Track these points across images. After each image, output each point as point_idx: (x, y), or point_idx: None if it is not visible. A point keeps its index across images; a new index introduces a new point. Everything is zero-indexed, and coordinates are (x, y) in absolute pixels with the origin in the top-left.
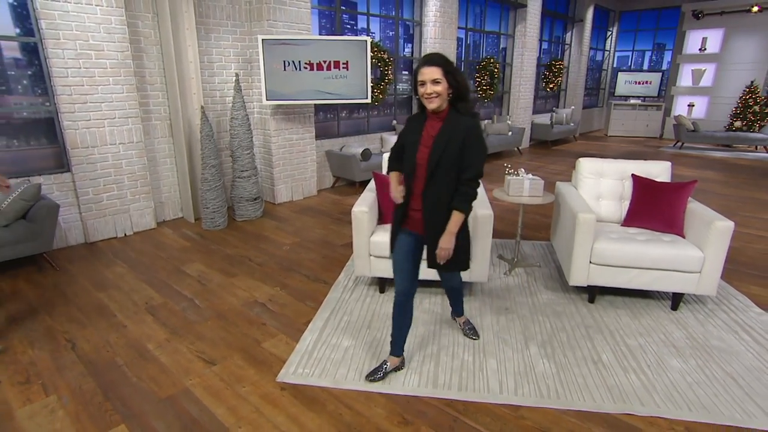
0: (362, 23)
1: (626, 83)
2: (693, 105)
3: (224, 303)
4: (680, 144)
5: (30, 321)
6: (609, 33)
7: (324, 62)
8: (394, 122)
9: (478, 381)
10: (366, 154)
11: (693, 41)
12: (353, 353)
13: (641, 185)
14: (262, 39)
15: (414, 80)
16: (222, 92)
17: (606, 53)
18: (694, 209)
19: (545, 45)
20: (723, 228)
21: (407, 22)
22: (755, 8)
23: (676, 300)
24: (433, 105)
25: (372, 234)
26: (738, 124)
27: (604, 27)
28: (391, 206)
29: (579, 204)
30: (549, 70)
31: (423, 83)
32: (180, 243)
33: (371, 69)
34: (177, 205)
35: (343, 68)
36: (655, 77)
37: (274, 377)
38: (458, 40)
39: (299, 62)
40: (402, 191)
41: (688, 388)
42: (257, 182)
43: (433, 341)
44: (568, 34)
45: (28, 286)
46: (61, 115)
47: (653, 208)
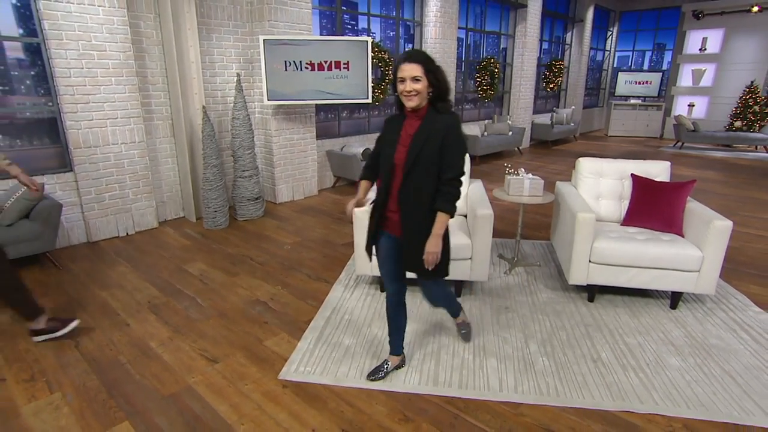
0: (363, 23)
1: (626, 83)
2: (693, 105)
3: (226, 302)
4: (680, 144)
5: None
6: (609, 33)
7: (325, 62)
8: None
9: (479, 379)
10: (366, 154)
11: (693, 41)
12: (354, 351)
13: (641, 185)
14: (264, 39)
15: (393, 76)
16: (223, 92)
17: (606, 53)
18: (694, 209)
19: (545, 45)
20: (722, 227)
21: (408, 23)
22: (755, 8)
23: (675, 299)
24: (412, 103)
25: None
26: (738, 124)
27: (605, 27)
28: None
29: (579, 203)
30: (549, 70)
31: (402, 80)
32: (182, 242)
33: (372, 69)
34: (179, 205)
35: (344, 68)
36: (656, 77)
37: (276, 375)
38: (459, 41)
39: (300, 62)
40: (353, 205)
41: (687, 386)
42: (258, 182)
43: (434, 339)
44: (569, 34)
45: (32, 285)
46: (64, 115)
47: (652, 208)
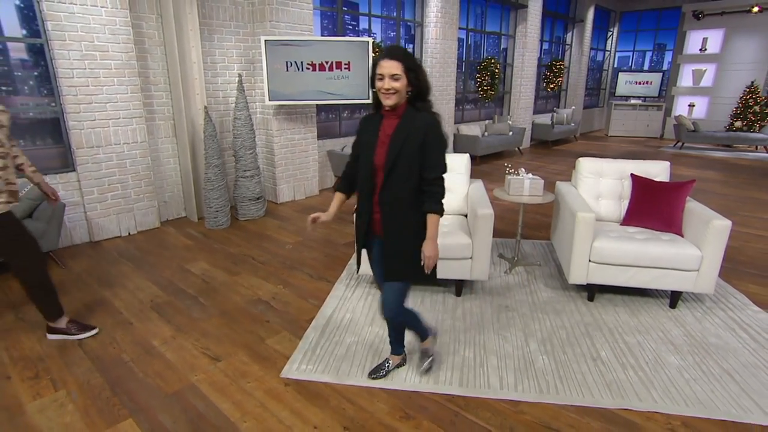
0: (364, 24)
1: (627, 83)
2: (693, 105)
3: (228, 301)
4: (681, 144)
5: (38, 318)
6: (610, 33)
7: (326, 63)
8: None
9: (479, 377)
10: None
11: (693, 41)
12: (355, 350)
13: (640, 185)
14: (265, 40)
15: (372, 71)
16: (225, 92)
17: (607, 53)
18: (693, 208)
19: (546, 45)
20: (720, 227)
21: (408, 23)
22: (755, 9)
23: (675, 298)
24: (390, 102)
25: None
26: (738, 124)
27: (605, 27)
28: None
29: (578, 203)
30: (550, 71)
31: (381, 77)
32: (183, 242)
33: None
34: (180, 205)
35: (345, 69)
36: (656, 77)
37: (278, 373)
38: (459, 41)
39: (301, 63)
40: (315, 220)
41: (685, 384)
42: (260, 182)
43: (434, 338)
44: (569, 35)
45: None
46: (67, 116)
47: (652, 208)
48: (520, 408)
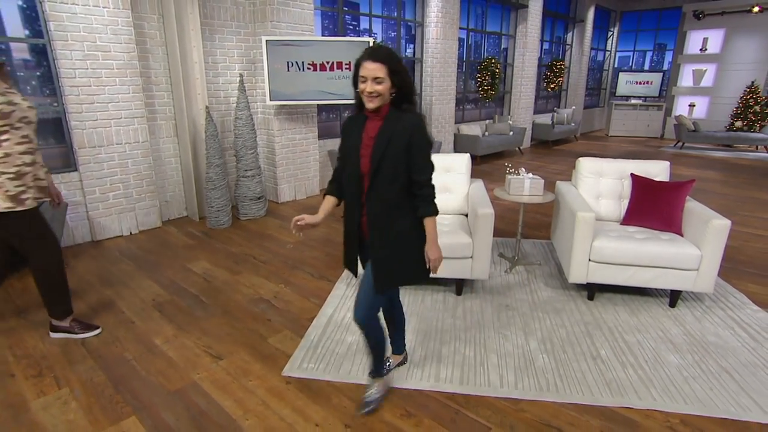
0: (365, 24)
1: (627, 83)
2: (694, 105)
3: (230, 300)
4: (681, 144)
5: (40, 316)
6: (610, 33)
7: (327, 63)
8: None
9: (479, 375)
10: None
11: (694, 41)
12: (357, 348)
13: (640, 184)
14: (266, 40)
15: (354, 71)
16: (226, 92)
17: (607, 53)
18: (692, 208)
19: (546, 45)
20: (720, 226)
21: (409, 23)
22: (756, 8)
23: (674, 297)
24: (372, 105)
25: None
26: (739, 124)
27: (605, 27)
28: None
29: (578, 203)
30: (550, 71)
31: (364, 79)
32: (185, 241)
33: None
34: (182, 204)
35: (346, 69)
36: (656, 77)
37: (280, 371)
38: (460, 41)
39: (302, 63)
40: (303, 225)
41: (685, 383)
42: (261, 181)
43: (435, 336)
44: (569, 35)
45: None
46: (69, 115)
47: (652, 207)
48: (521, 406)
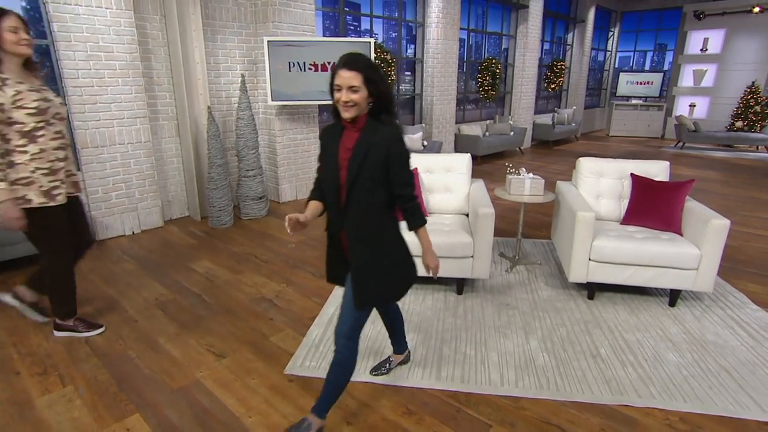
0: (365, 24)
1: (628, 83)
2: (694, 105)
3: (232, 299)
4: (681, 144)
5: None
6: (611, 33)
7: (328, 63)
8: (397, 122)
9: (480, 374)
10: None
11: (694, 42)
12: (358, 347)
13: (640, 184)
14: (268, 40)
15: (330, 81)
16: (228, 93)
17: (608, 54)
18: (692, 208)
19: (547, 45)
20: (719, 226)
21: (410, 24)
22: (756, 9)
23: (674, 297)
24: (348, 114)
25: None
26: (739, 125)
27: (606, 27)
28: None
29: (579, 203)
30: (551, 71)
31: (339, 88)
32: (187, 241)
33: None
34: (184, 204)
35: None
36: (657, 77)
37: (282, 370)
38: (460, 41)
39: (304, 63)
40: (295, 222)
41: (684, 381)
42: (262, 181)
43: (436, 335)
44: (570, 35)
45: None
46: (72, 116)
47: (652, 207)
48: (521, 404)
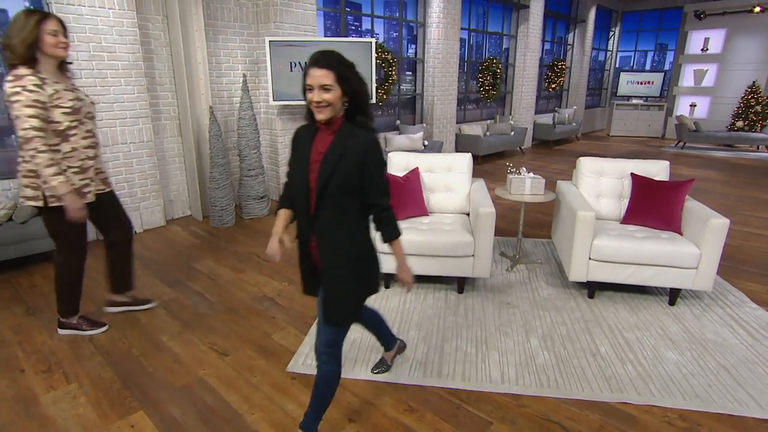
0: (366, 25)
1: (628, 83)
2: (695, 105)
3: (234, 297)
4: (682, 144)
5: (48, 313)
6: (611, 33)
7: None
8: (398, 122)
9: (481, 371)
10: None
11: (695, 41)
12: (360, 345)
13: (640, 184)
14: (269, 40)
15: (302, 81)
16: (230, 93)
17: (608, 53)
18: (692, 207)
19: (548, 45)
20: (718, 225)
21: (411, 24)
22: (757, 9)
23: (674, 295)
24: (322, 116)
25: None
26: (740, 124)
27: (607, 27)
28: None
29: (579, 202)
30: (551, 71)
31: (311, 88)
32: (189, 240)
33: (375, 70)
34: (186, 204)
35: None
36: (658, 77)
37: (285, 367)
38: (461, 41)
39: (305, 63)
40: (279, 243)
41: (683, 379)
42: (264, 181)
43: (437, 334)
44: (571, 35)
45: (44, 281)
46: None
47: (652, 206)
48: (521, 401)
